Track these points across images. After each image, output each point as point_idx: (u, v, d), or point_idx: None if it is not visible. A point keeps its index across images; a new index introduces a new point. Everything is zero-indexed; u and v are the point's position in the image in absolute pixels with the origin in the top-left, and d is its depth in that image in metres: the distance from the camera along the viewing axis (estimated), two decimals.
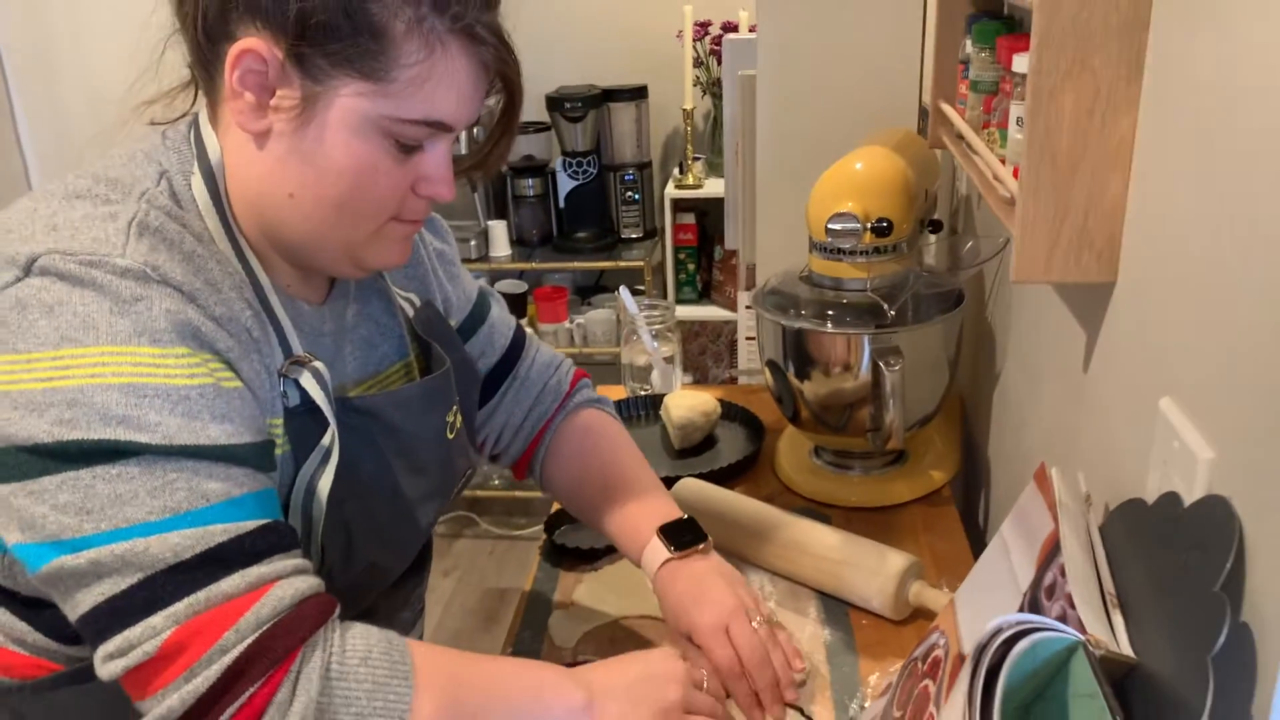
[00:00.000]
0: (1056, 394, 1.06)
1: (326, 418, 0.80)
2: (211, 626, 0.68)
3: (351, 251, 0.81)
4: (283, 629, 0.70)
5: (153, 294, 0.70)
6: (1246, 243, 0.62)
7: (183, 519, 0.69)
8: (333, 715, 0.71)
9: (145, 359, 0.69)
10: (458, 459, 0.94)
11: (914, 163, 1.30)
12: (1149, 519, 0.72)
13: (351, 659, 0.73)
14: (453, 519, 3.22)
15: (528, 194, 2.98)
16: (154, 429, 0.68)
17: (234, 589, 0.69)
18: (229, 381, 0.74)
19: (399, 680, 0.74)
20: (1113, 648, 0.65)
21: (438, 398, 0.91)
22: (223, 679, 0.68)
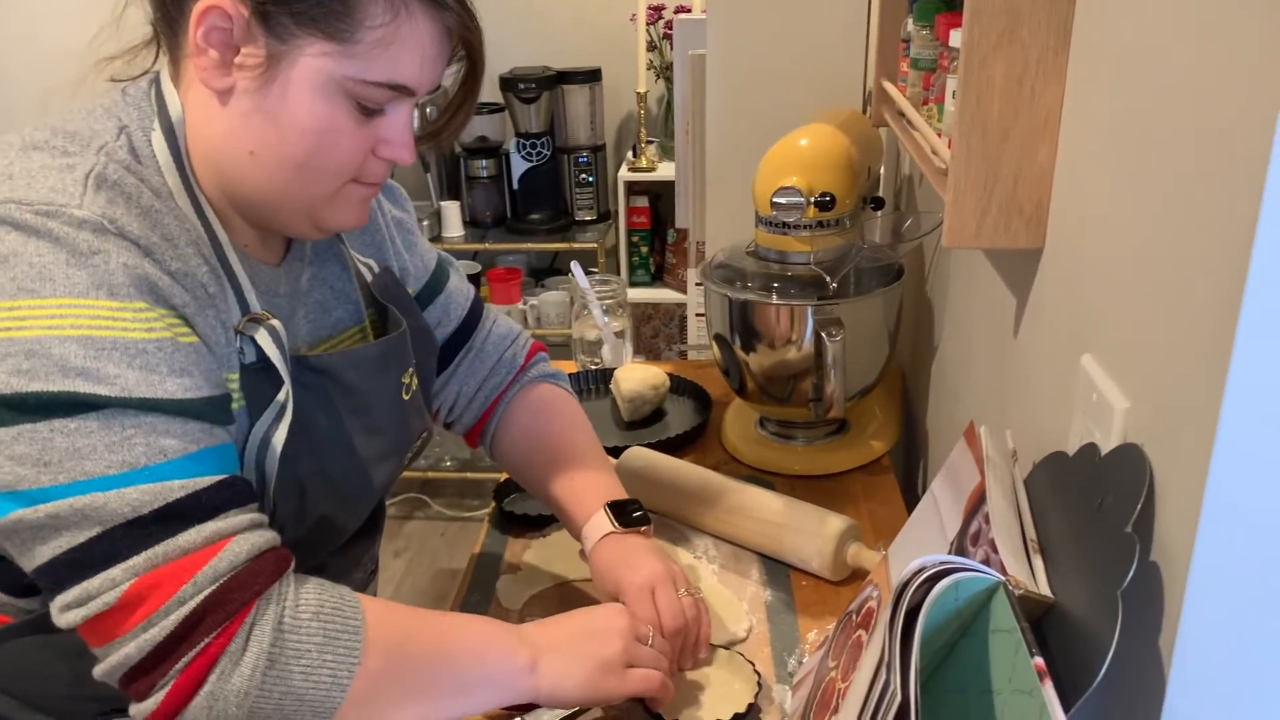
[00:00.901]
0: (988, 359, 1.09)
1: (281, 375, 0.81)
2: (169, 579, 0.70)
3: (311, 212, 0.81)
4: (238, 583, 0.72)
5: (110, 247, 0.70)
6: (1162, 208, 0.66)
7: (140, 474, 0.70)
8: (284, 666, 0.73)
9: (103, 312, 0.69)
10: (413, 420, 0.95)
11: (858, 140, 1.33)
12: (1070, 469, 0.75)
13: (304, 613, 0.75)
14: (404, 500, 3.22)
15: (481, 175, 2.99)
16: (112, 381, 0.69)
17: (191, 544, 0.71)
18: (185, 337, 0.74)
19: (349, 635, 0.76)
20: (1032, 588, 0.68)
21: (393, 358, 0.92)
22: (179, 629, 0.70)
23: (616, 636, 0.89)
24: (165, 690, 0.70)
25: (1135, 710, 0.65)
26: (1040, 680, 0.57)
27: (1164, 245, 0.65)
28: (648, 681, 0.90)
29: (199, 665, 0.70)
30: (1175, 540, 0.61)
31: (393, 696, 0.78)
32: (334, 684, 0.74)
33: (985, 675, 0.64)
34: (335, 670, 0.74)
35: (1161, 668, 0.62)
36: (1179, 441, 0.62)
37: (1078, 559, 0.68)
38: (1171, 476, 0.63)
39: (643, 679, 0.90)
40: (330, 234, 0.86)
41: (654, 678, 0.90)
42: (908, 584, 0.61)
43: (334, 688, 0.74)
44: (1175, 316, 0.63)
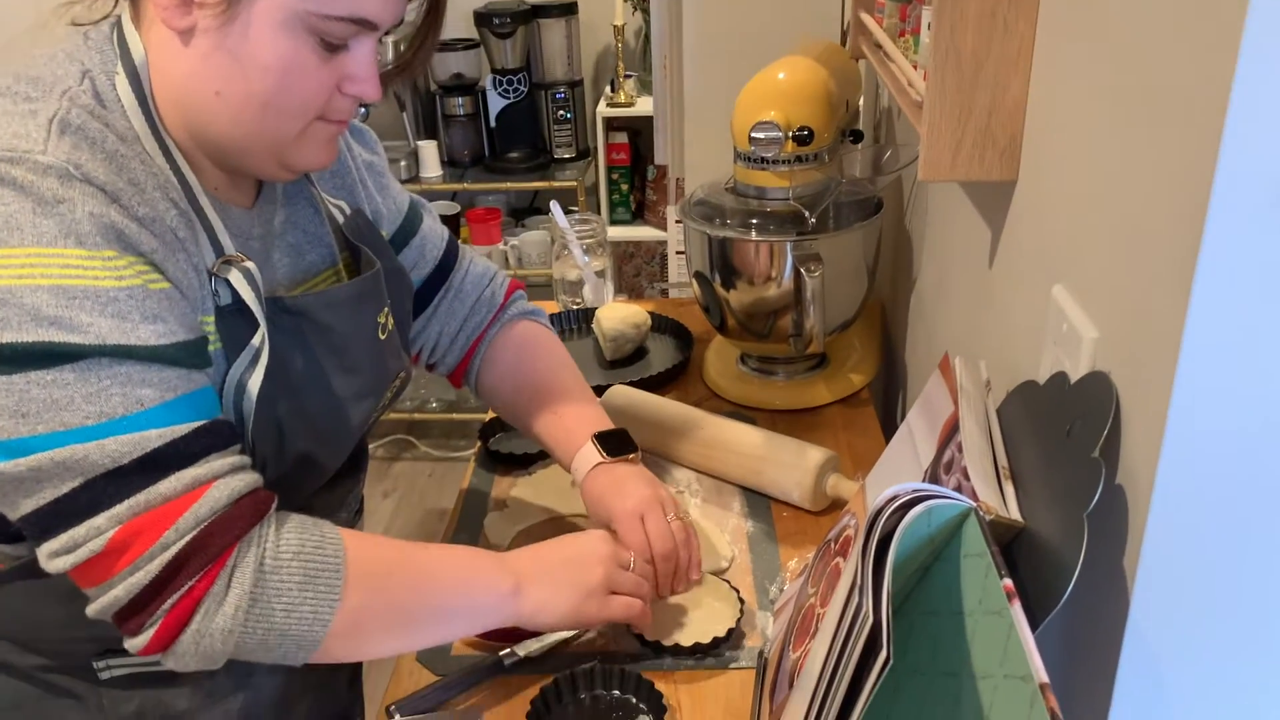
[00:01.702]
0: (964, 291, 1.11)
1: (256, 317, 0.81)
2: (153, 526, 0.72)
3: (278, 151, 0.81)
4: (219, 527, 0.74)
5: (75, 195, 0.70)
6: (1130, 141, 0.66)
7: (119, 424, 0.70)
8: (266, 605, 0.75)
9: (73, 260, 0.69)
10: (390, 360, 0.95)
11: (836, 73, 1.32)
12: (1040, 397, 0.77)
13: (285, 553, 0.76)
14: (392, 442, 3.24)
15: (458, 113, 2.95)
16: (86, 330, 0.69)
17: (172, 491, 0.72)
18: (156, 283, 0.74)
19: (330, 573, 0.78)
20: (1002, 513, 0.70)
21: (368, 298, 0.92)
22: (164, 573, 0.72)
23: (598, 563, 0.92)
24: (154, 628, 0.73)
25: (1101, 627, 0.68)
26: (1009, 601, 0.60)
27: (1132, 178, 0.66)
28: (628, 607, 0.93)
29: (184, 606, 0.73)
30: (1139, 464, 0.64)
31: (376, 627, 0.81)
32: (315, 620, 0.77)
33: (957, 598, 0.66)
34: (316, 607, 0.77)
35: (1126, 587, 0.64)
36: (1144, 369, 0.64)
37: (1047, 484, 0.70)
38: (1137, 403, 0.65)
39: (624, 605, 0.92)
40: (299, 174, 0.86)
41: (634, 604, 0.93)
42: (881, 512, 0.63)
43: (315, 623, 0.77)
44: (1142, 248, 0.64)
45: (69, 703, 0.89)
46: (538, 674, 0.96)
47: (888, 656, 0.54)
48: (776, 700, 0.86)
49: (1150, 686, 0.65)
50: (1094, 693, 0.69)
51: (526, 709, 0.90)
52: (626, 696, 0.93)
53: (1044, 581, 0.65)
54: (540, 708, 0.91)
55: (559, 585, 0.90)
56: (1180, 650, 0.64)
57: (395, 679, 0.98)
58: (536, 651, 0.97)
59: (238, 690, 0.93)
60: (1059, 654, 0.75)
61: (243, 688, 0.93)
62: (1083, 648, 0.72)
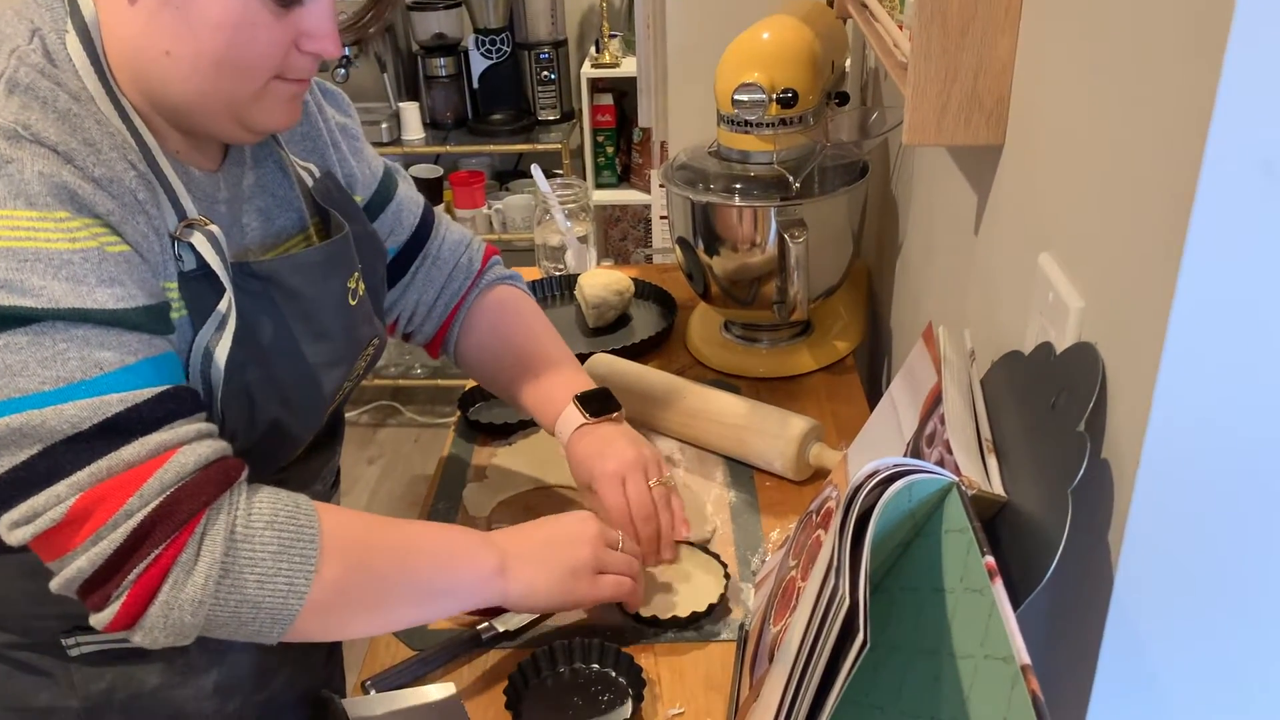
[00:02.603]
0: (950, 258, 1.09)
1: (222, 281, 0.78)
2: (115, 493, 0.69)
3: (235, 112, 0.78)
4: (186, 493, 0.71)
5: (24, 155, 0.68)
6: (1120, 106, 0.64)
7: (77, 388, 0.68)
8: (238, 575, 0.73)
9: (23, 222, 0.67)
10: (361, 326, 0.93)
11: (821, 34, 1.29)
12: (1025, 368, 0.75)
13: (257, 522, 0.74)
14: (376, 408, 3.22)
15: (440, 74, 2.90)
16: (38, 293, 0.67)
17: (135, 457, 0.70)
18: (113, 246, 0.72)
19: (304, 543, 0.75)
20: (985, 488, 0.69)
21: (337, 262, 0.89)
22: (128, 541, 0.69)
23: (585, 543, 0.90)
24: (120, 601, 0.71)
25: (1084, 604, 0.67)
26: (990, 579, 0.58)
27: (1121, 144, 0.64)
28: (618, 586, 0.91)
29: (151, 576, 0.70)
30: (1125, 438, 0.62)
31: (354, 604, 0.79)
32: (290, 592, 0.74)
33: (938, 574, 0.65)
34: (291, 578, 0.74)
35: (1110, 564, 0.63)
36: (1131, 341, 0.62)
37: (1031, 458, 0.69)
38: (1123, 376, 0.63)
39: (613, 584, 0.91)
40: (261, 135, 0.83)
41: (624, 582, 0.91)
42: (860, 488, 0.62)
43: (290, 595, 0.74)
44: (1130, 216, 0.62)
45: (38, 680, 0.87)
46: (516, 649, 0.95)
47: (864, 641, 0.52)
48: (756, 674, 0.85)
49: (1134, 666, 0.64)
50: (1076, 672, 0.68)
51: (504, 684, 0.89)
52: (606, 670, 0.92)
53: (1026, 558, 0.64)
54: (519, 682, 0.90)
55: (547, 565, 0.88)
56: (1164, 629, 0.63)
57: (371, 653, 0.97)
58: (515, 626, 0.96)
59: (211, 666, 0.91)
60: (1039, 632, 0.73)
61: (216, 664, 0.91)
62: (1064, 626, 0.71)
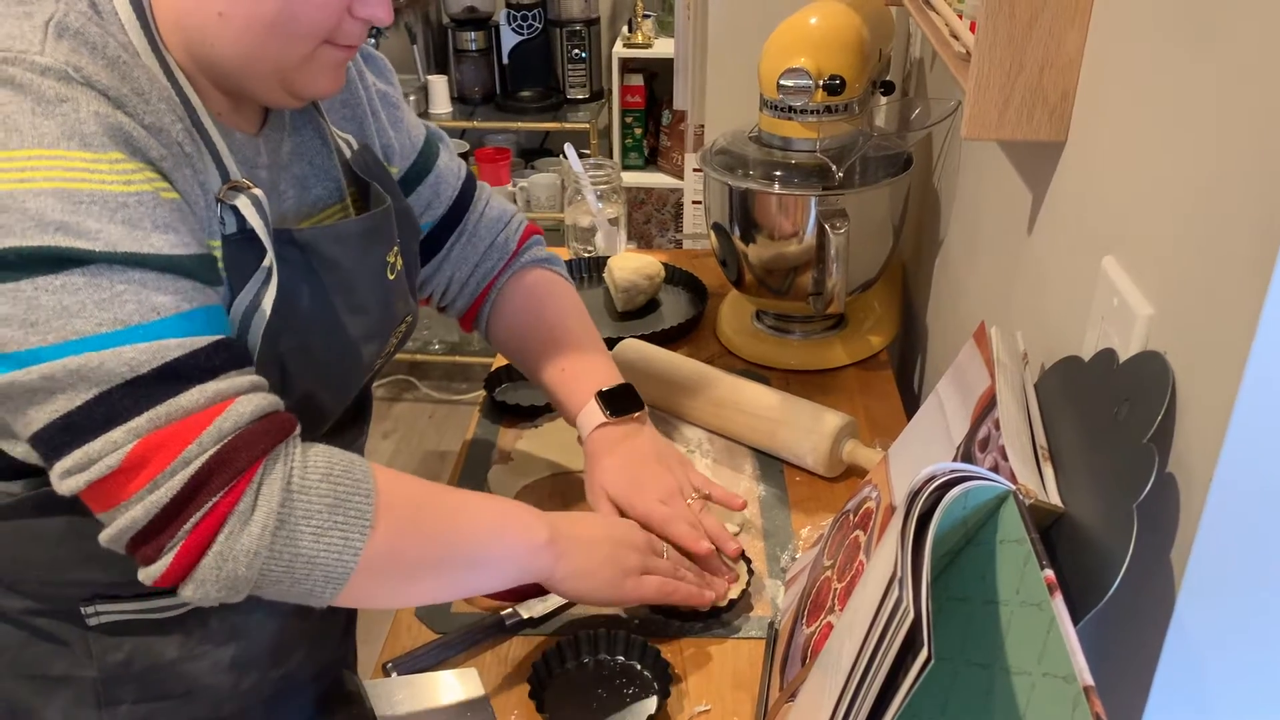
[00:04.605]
0: (998, 256, 1.06)
1: (265, 244, 0.76)
2: (173, 440, 0.67)
3: (283, 76, 0.77)
4: (244, 441, 0.69)
5: (78, 95, 0.66)
6: (1200, 101, 0.61)
7: (135, 332, 0.66)
8: (293, 527, 0.71)
9: (77, 163, 0.65)
10: (397, 302, 0.91)
11: (869, 20, 1.26)
12: (1084, 375, 0.73)
13: (313, 474, 0.72)
14: (392, 383, 3.20)
15: (470, 48, 2.87)
16: (95, 236, 0.65)
17: (193, 404, 0.68)
18: (167, 192, 0.70)
19: (360, 498, 0.73)
20: (1041, 497, 0.66)
21: (378, 236, 0.88)
22: (186, 488, 0.67)
23: (635, 550, 0.89)
24: (174, 551, 0.68)
25: (1139, 624, 0.64)
26: (1050, 594, 0.56)
27: (1200, 142, 0.61)
28: (661, 586, 0.89)
29: (207, 525, 0.68)
30: (1195, 453, 0.59)
31: (406, 566, 0.77)
32: (345, 547, 0.72)
33: (991, 585, 0.62)
34: (347, 533, 0.72)
35: (1171, 583, 0.61)
36: (1206, 352, 0.59)
37: (1091, 469, 0.66)
38: (1195, 388, 0.60)
39: (657, 585, 0.89)
40: (305, 101, 0.81)
41: (668, 584, 0.90)
42: (918, 493, 0.59)
43: (345, 551, 0.72)
44: (1209, 219, 0.59)
45: (55, 648, 0.86)
46: (540, 636, 0.93)
47: (929, 656, 0.50)
48: (788, 675, 0.83)
49: (1192, 692, 0.62)
50: (1126, 693, 0.65)
51: (528, 672, 0.87)
52: (631, 663, 0.90)
53: (1085, 573, 0.61)
54: (542, 671, 0.88)
55: (597, 555, 0.87)
56: (1229, 655, 0.61)
57: (393, 635, 0.95)
58: (540, 613, 0.94)
59: (229, 640, 0.89)
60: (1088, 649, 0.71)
61: (235, 637, 0.89)
62: (1114, 644, 0.68)
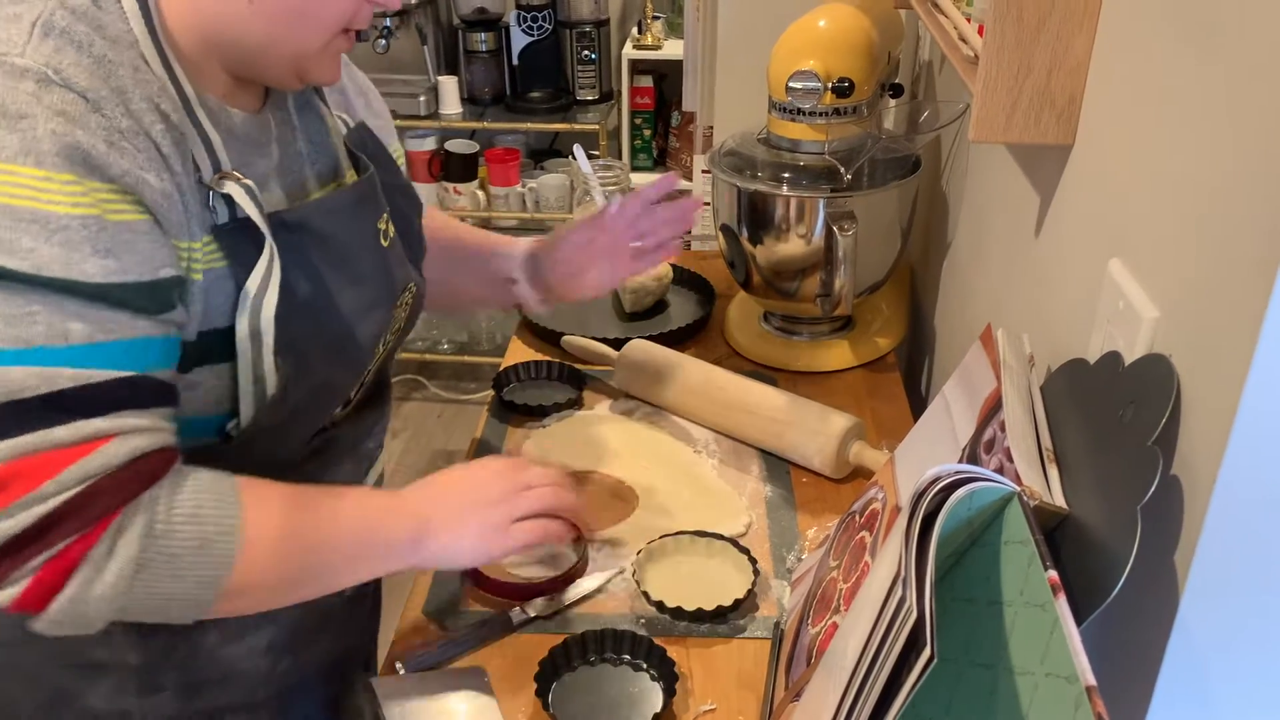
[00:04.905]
0: (1005, 259, 1.06)
1: (261, 231, 0.77)
2: (35, 471, 0.66)
3: (298, 62, 0.80)
4: (110, 484, 0.68)
5: (38, 112, 0.67)
6: (1207, 105, 0.62)
7: (33, 354, 0.66)
8: (153, 571, 0.70)
9: (26, 180, 0.66)
10: (395, 268, 0.92)
11: (878, 22, 1.27)
12: (1090, 377, 0.73)
13: (178, 517, 0.71)
14: (401, 382, 3.21)
15: (480, 49, 2.88)
16: (25, 255, 0.66)
17: (66, 438, 0.67)
18: (118, 215, 0.70)
19: (225, 538, 0.73)
20: (1046, 499, 0.67)
21: (366, 204, 0.89)
22: (33, 528, 0.66)
23: (496, 505, 0.89)
24: (20, 585, 0.67)
25: (1143, 625, 0.65)
26: (1054, 594, 0.56)
27: (1207, 145, 0.61)
28: (531, 533, 0.90)
29: (56, 568, 0.67)
30: (1199, 455, 0.60)
31: (267, 591, 0.78)
32: (205, 585, 0.73)
33: (995, 586, 0.63)
34: (205, 573, 0.72)
35: (1175, 585, 0.61)
36: (1211, 355, 0.59)
37: (1095, 470, 0.67)
38: (1200, 390, 0.61)
39: (526, 532, 0.90)
40: (308, 85, 0.85)
41: (537, 528, 0.90)
42: (923, 494, 0.60)
43: (204, 589, 0.73)
44: (1214, 223, 0.60)
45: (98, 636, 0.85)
46: (547, 634, 0.94)
47: (931, 655, 0.50)
48: (794, 675, 0.83)
49: (1195, 693, 0.62)
50: (1129, 694, 0.66)
51: (534, 670, 0.88)
52: (638, 662, 0.90)
53: (1089, 575, 0.62)
54: (549, 669, 0.89)
55: (461, 528, 0.87)
56: (1232, 657, 0.61)
57: (401, 630, 0.96)
58: (547, 611, 0.95)
59: (263, 625, 0.91)
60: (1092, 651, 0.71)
61: (269, 622, 0.91)
62: (1118, 645, 0.69)
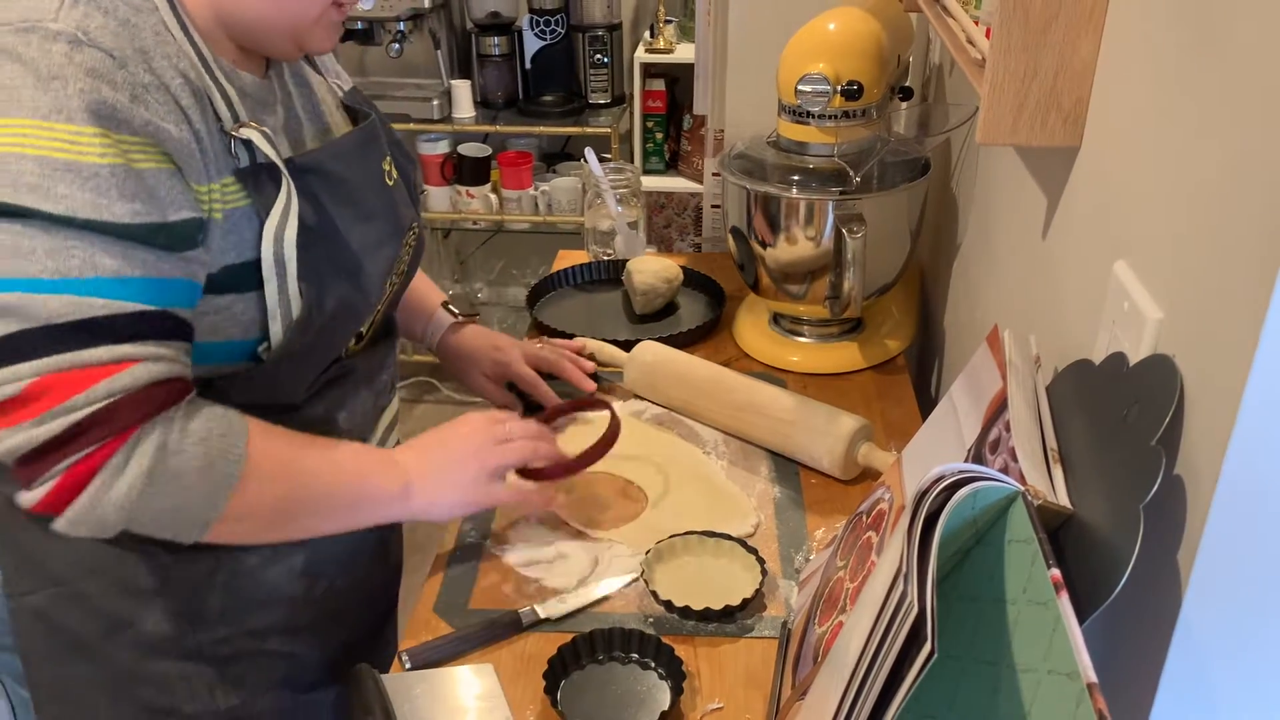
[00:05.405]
0: (1013, 261, 1.06)
1: (280, 171, 0.85)
2: (67, 385, 0.74)
3: (295, 33, 0.88)
4: (128, 403, 0.76)
5: (70, 73, 0.74)
6: (1211, 108, 0.62)
7: (69, 284, 0.74)
8: (163, 485, 0.78)
9: (61, 135, 0.73)
10: (401, 207, 1.01)
11: (888, 26, 1.27)
12: (1095, 378, 0.73)
13: (190, 439, 0.80)
14: (414, 384, 3.23)
15: (493, 53, 2.89)
16: (60, 199, 0.73)
17: (95, 359, 0.75)
18: (141, 163, 0.77)
19: (229, 461, 0.81)
20: (1050, 498, 0.67)
21: (370, 146, 0.98)
22: (64, 433, 0.74)
23: (479, 457, 0.98)
24: (47, 486, 0.75)
25: (1146, 623, 0.65)
26: (1056, 592, 0.57)
27: (1211, 148, 0.62)
28: (513, 491, 1.02)
29: (79, 471, 0.75)
30: (1202, 455, 0.60)
31: (265, 515, 0.86)
32: (208, 505, 0.81)
33: (999, 584, 0.63)
34: (211, 492, 0.81)
35: (1178, 584, 0.61)
36: (1213, 356, 0.60)
37: (1099, 470, 0.67)
38: (1202, 391, 0.61)
39: (509, 492, 1.02)
40: (305, 54, 0.93)
41: (518, 491, 1.03)
42: (926, 493, 0.60)
43: (208, 508, 0.81)
44: (1219, 225, 0.60)
45: (147, 562, 0.92)
46: (555, 633, 0.94)
47: (932, 650, 0.51)
48: (800, 674, 0.84)
49: (1198, 690, 0.62)
50: (1133, 691, 0.66)
51: (543, 668, 0.89)
52: (646, 660, 0.91)
53: (1092, 573, 0.62)
54: (557, 667, 0.89)
55: (445, 482, 0.97)
56: (1234, 655, 0.61)
57: (410, 628, 0.97)
58: (557, 613, 0.96)
59: (298, 549, 0.97)
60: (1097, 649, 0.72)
61: (303, 546, 0.97)
62: (1122, 643, 0.69)
